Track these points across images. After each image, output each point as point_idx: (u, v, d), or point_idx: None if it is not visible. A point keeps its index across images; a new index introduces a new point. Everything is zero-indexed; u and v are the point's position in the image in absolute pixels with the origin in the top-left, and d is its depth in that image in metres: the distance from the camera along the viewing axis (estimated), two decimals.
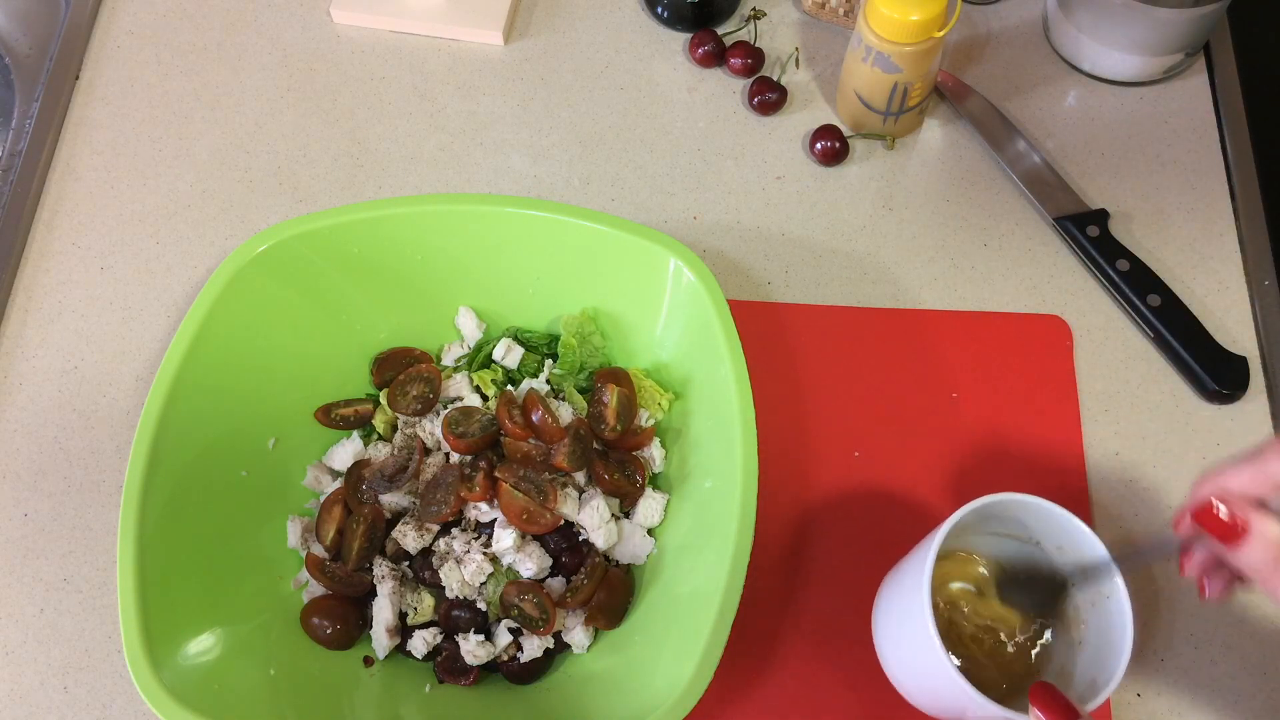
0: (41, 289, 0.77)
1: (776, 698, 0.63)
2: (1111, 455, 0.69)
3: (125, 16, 0.89)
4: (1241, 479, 0.47)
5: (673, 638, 0.59)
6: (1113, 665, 0.51)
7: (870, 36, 0.73)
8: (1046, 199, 0.77)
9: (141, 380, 0.74)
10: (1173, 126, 0.81)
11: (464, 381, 0.71)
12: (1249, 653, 0.64)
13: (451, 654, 0.64)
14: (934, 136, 0.81)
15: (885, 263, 0.76)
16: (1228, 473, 0.48)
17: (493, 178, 0.81)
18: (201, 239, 0.79)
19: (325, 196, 0.80)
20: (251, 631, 0.62)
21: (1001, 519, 0.57)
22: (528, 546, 0.64)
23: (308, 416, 0.70)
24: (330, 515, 0.66)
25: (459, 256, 0.70)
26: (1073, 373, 0.72)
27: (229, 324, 0.66)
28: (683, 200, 0.79)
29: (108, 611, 0.67)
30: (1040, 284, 0.75)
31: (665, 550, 0.65)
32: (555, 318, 0.72)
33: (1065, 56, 0.84)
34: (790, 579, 0.66)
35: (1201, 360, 0.70)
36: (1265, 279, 0.75)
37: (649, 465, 0.68)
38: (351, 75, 0.86)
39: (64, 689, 0.65)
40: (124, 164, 0.82)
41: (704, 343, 0.65)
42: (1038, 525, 0.56)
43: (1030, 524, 0.57)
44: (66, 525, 0.69)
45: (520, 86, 0.85)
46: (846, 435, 0.70)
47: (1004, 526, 0.58)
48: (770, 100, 0.82)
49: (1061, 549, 0.56)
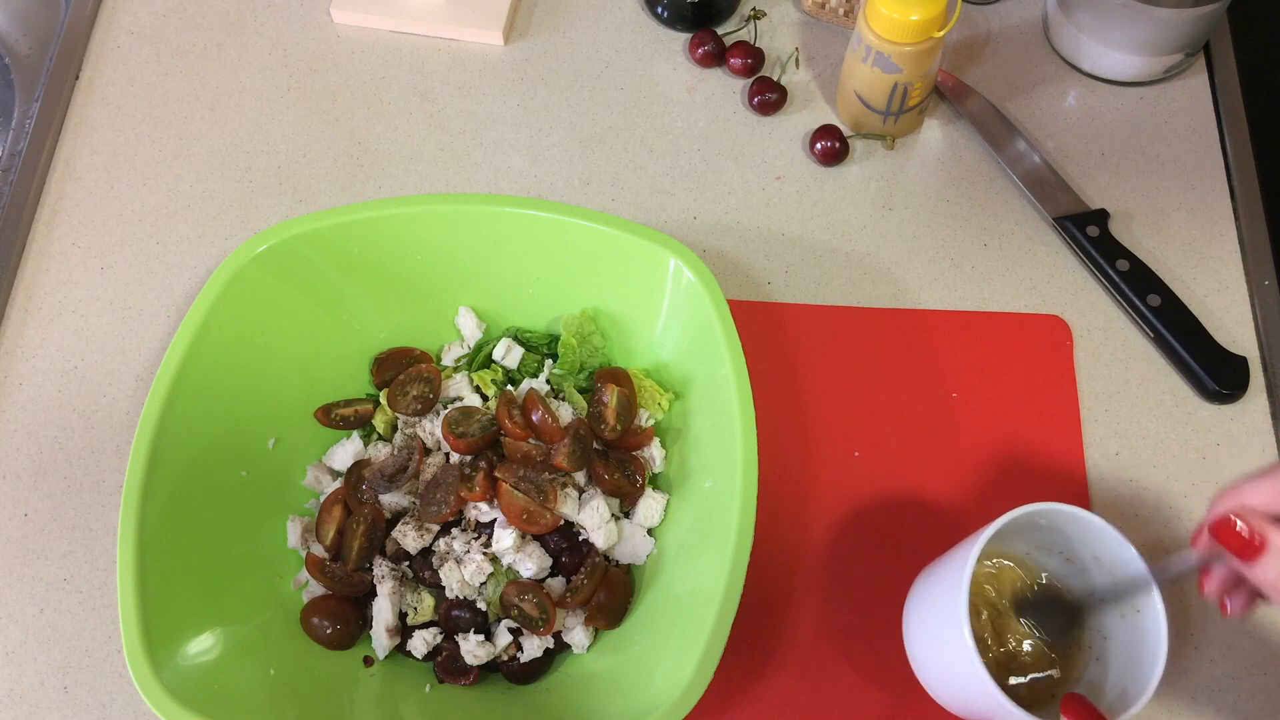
0: (41, 289, 0.77)
1: (777, 698, 0.63)
2: (1111, 455, 0.69)
3: (125, 16, 0.89)
4: (1261, 494, 0.47)
5: (673, 638, 0.59)
6: (1146, 676, 0.51)
7: (870, 36, 0.73)
8: (1046, 199, 0.77)
9: (141, 380, 0.74)
10: (1173, 126, 0.81)
11: (464, 381, 0.71)
12: (1249, 653, 0.64)
13: (451, 654, 0.64)
14: (934, 136, 0.81)
15: (885, 263, 0.76)
16: (1246, 488, 0.47)
17: (493, 178, 0.81)
18: (201, 239, 0.79)
19: (325, 196, 0.80)
20: (251, 631, 0.62)
21: (1040, 528, 0.57)
22: (528, 546, 0.64)
23: (308, 416, 0.70)
24: (330, 515, 0.66)
25: (459, 256, 0.70)
26: (1073, 373, 0.72)
27: (229, 324, 0.66)
28: (683, 200, 0.79)
29: (108, 611, 0.67)
30: (1040, 284, 0.75)
31: (665, 550, 0.65)
32: (555, 318, 0.72)
33: (1065, 56, 0.84)
34: (790, 579, 0.66)
35: (1201, 360, 0.70)
36: (1265, 279, 0.75)
37: (649, 465, 0.68)
38: (351, 75, 0.86)
39: (64, 689, 0.65)
40: (124, 164, 0.82)
41: (704, 343, 0.65)
42: (1075, 535, 0.56)
43: (1068, 534, 0.57)
44: (66, 525, 0.69)
45: (520, 86, 0.85)
46: (846, 435, 0.70)
47: (1041, 536, 0.58)
48: (770, 100, 0.82)
49: (1098, 559, 0.56)
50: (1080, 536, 0.56)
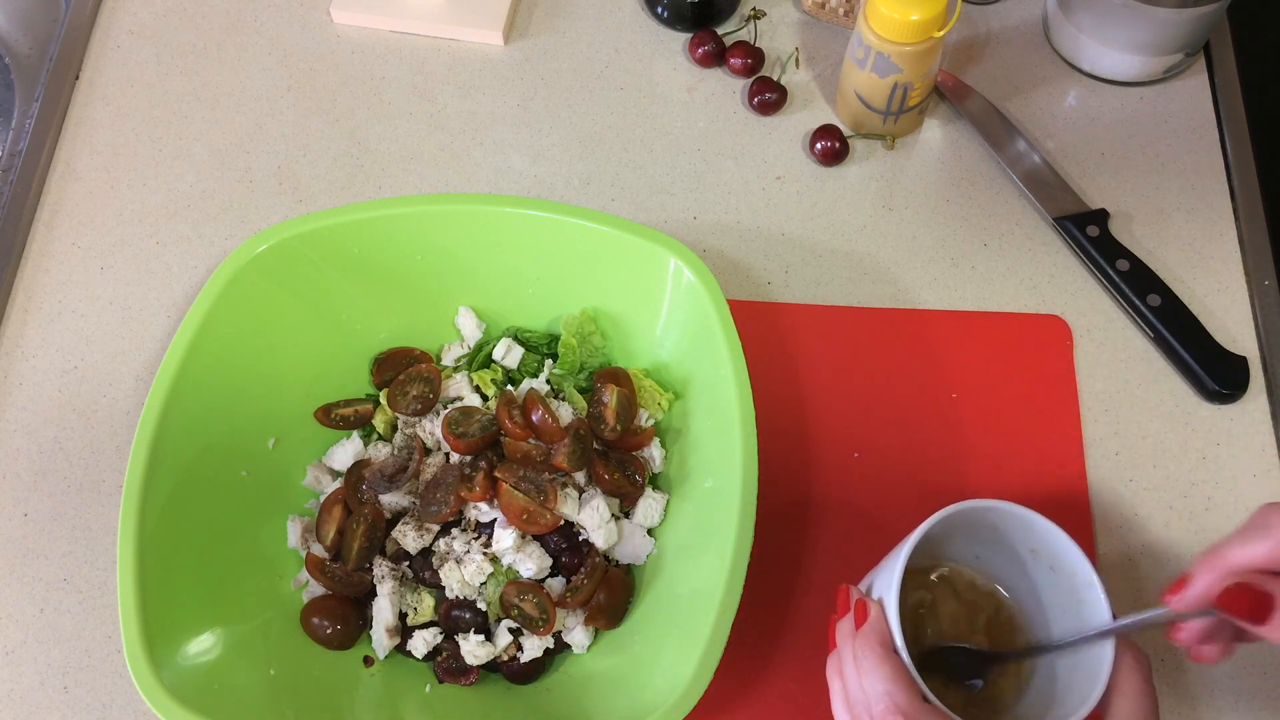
0: (41, 289, 0.77)
1: (777, 698, 0.63)
2: (1111, 455, 0.69)
3: (125, 16, 0.89)
4: (1254, 553, 0.45)
5: (673, 638, 0.59)
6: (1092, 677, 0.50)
7: (870, 36, 0.73)
8: (1046, 199, 0.77)
9: (141, 380, 0.74)
10: (1173, 126, 0.81)
11: (464, 381, 0.71)
12: (1249, 653, 0.64)
13: (451, 654, 0.64)
14: (934, 136, 0.81)
15: (885, 263, 0.76)
16: (1235, 549, 0.46)
17: (493, 178, 0.81)
18: (201, 239, 0.79)
19: (325, 196, 0.80)
20: (251, 631, 0.62)
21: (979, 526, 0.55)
22: (528, 546, 0.64)
23: (308, 416, 0.70)
24: (330, 515, 0.66)
25: (459, 256, 0.70)
26: (1073, 373, 0.72)
27: (229, 324, 0.66)
28: (683, 200, 0.79)
29: (108, 611, 0.67)
30: (1040, 284, 0.75)
31: (665, 550, 0.65)
32: (555, 318, 0.72)
33: (1065, 56, 0.84)
34: (790, 579, 0.66)
35: (1201, 360, 0.70)
36: (1265, 279, 0.75)
37: (649, 465, 0.68)
38: (351, 75, 0.86)
39: (64, 689, 0.65)
40: (124, 164, 0.82)
41: (704, 343, 0.65)
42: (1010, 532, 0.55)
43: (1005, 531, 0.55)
44: (66, 525, 0.69)
45: (520, 86, 0.85)
46: (846, 435, 0.70)
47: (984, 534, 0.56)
48: (770, 100, 0.82)
49: (1035, 552, 0.55)
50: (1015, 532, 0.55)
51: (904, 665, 0.49)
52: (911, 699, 0.47)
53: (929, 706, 0.47)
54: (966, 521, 0.54)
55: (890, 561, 0.53)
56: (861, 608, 0.51)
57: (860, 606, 0.52)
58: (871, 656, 0.49)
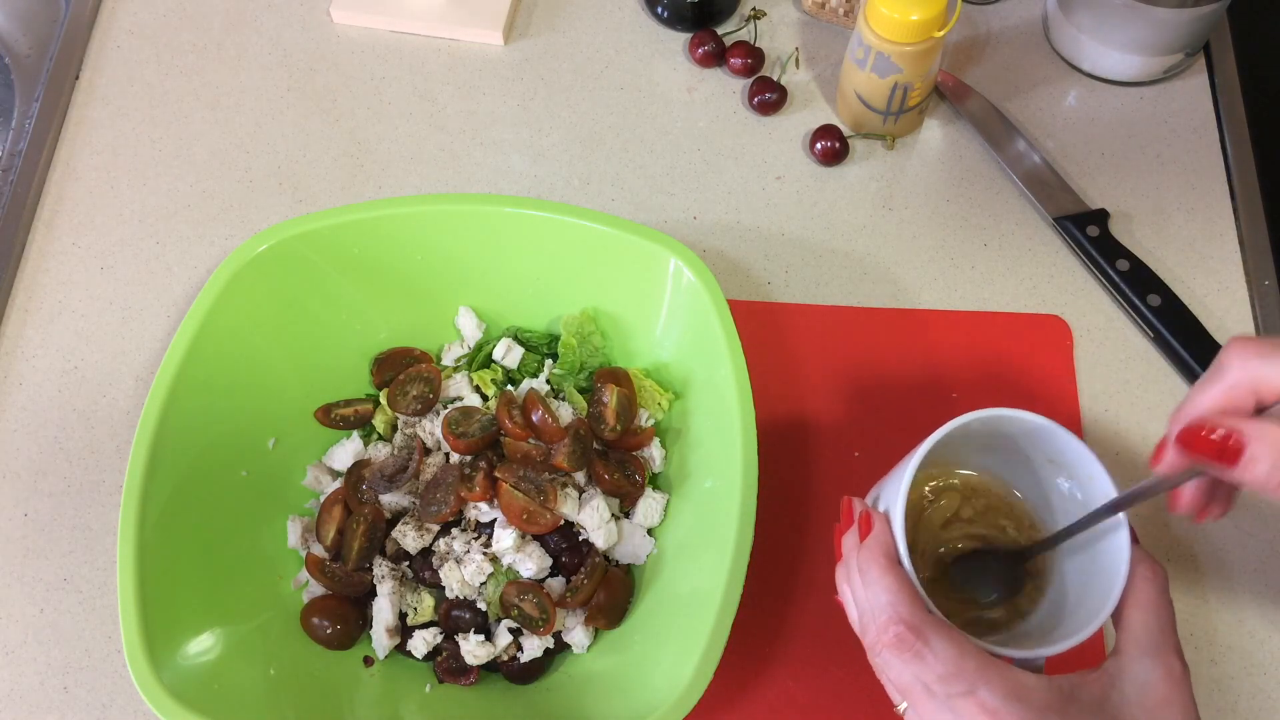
0: (41, 289, 0.77)
1: (777, 698, 0.63)
2: (1111, 455, 0.69)
3: (125, 16, 0.89)
4: (1213, 397, 0.45)
5: (673, 638, 0.59)
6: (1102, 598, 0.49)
7: (870, 36, 0.73)
8: (1046, 199, 0.77)
9: (141, 380, 0.74)
10: (1173, 126, 0.81)
11: (464, 381, 0.71)
12: (1249, 653, 0.64)
13: (451, 654, 0.64)
14: (934, 136, 0.81)
15: (885, 263, 0.76)
16: (1196, 399, 0.45)
17: (493, 178, 0.81)
18: (201, 239, 0.79)
19: (325, 196, 0.80)
20: (251, 631, 0.62)
21: (992, 435, 0.54)
22: (528, 546, 0.64)
23: (308, 416, 0.70)
24: (330, 515, 0.66)
25: (459, 256, 0.70)
26: (1073, 373, 0.72)
27: (229, 324, 0.66)
28: (683, 200, 0.79)
29: (108, 611, 0.67)
30: (1040, 284, 0.75)
31: (665, 550, 0.65)
32: (555, 318, 0.72)
33: (1065, 56, 0.84)
34: (790, 579, 0.66)
35: (1201, 360, 0.70)
36: (1265, 279, 0.75)
37: (649, 465, 0.68)
38: (351, 75, 0.86)
39: (64, 689, 0.65)
40: (124, 164, 0.82)
41: (704, 343, 0.65)
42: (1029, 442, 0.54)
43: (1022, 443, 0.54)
44: (66, 525, 0.69)
45: (520, 86, 0.85)
46: (846, 435, 0.70)
47: (994, 441, 0.55)
48: (770, 100, 0.82)
49: (1053, 462, 0.54)
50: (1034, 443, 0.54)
51: (907, 577, 0.48)
52: (914, 610, 0.47)
53: (933, 618, 0.47)
54: (979, 433, 0.53)
55: (898, 472, 0.53)
56: (866, 520, 0.51)
57: (865, 519, 0.51)
58: (875, 569, 0.49)
